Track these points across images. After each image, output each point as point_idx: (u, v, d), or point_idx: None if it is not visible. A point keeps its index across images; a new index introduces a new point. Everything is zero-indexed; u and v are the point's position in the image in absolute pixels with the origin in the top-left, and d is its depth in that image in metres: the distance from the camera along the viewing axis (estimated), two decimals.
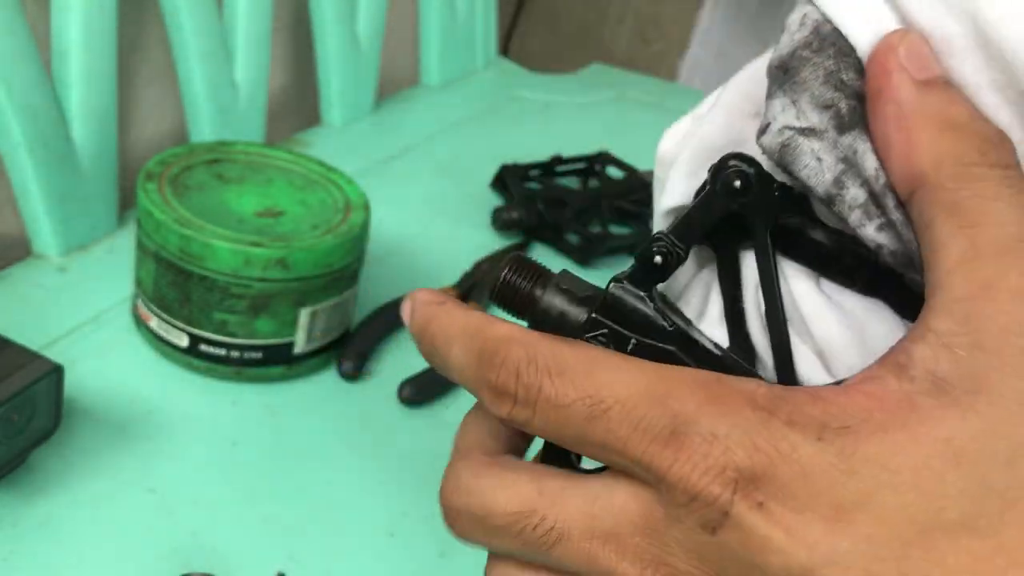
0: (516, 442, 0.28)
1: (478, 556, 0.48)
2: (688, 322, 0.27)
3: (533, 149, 0.86)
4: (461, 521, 0.26)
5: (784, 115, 0.25)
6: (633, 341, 0.25)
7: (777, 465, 0.21)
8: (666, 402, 0.23)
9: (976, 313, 0.21)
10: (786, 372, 0.26)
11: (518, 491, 0.25)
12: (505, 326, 0.25)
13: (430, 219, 0.74)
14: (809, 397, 0.22)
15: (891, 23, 0.24)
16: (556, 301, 0.26)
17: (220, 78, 0.72)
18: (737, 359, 0.26)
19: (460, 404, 0.55)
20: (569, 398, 0.24)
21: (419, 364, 0.56)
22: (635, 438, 0.23)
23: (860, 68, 0.24)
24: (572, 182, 0.84)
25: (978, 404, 0.21)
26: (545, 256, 0.73)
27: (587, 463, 0.26)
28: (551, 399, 0.24)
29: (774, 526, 0.21)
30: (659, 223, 0.30)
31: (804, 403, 0.22)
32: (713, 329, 0.28)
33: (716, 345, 0.26)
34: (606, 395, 0.23)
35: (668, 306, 0.27)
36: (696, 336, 0.26)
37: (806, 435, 0.21)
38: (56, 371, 0.43)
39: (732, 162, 0.26)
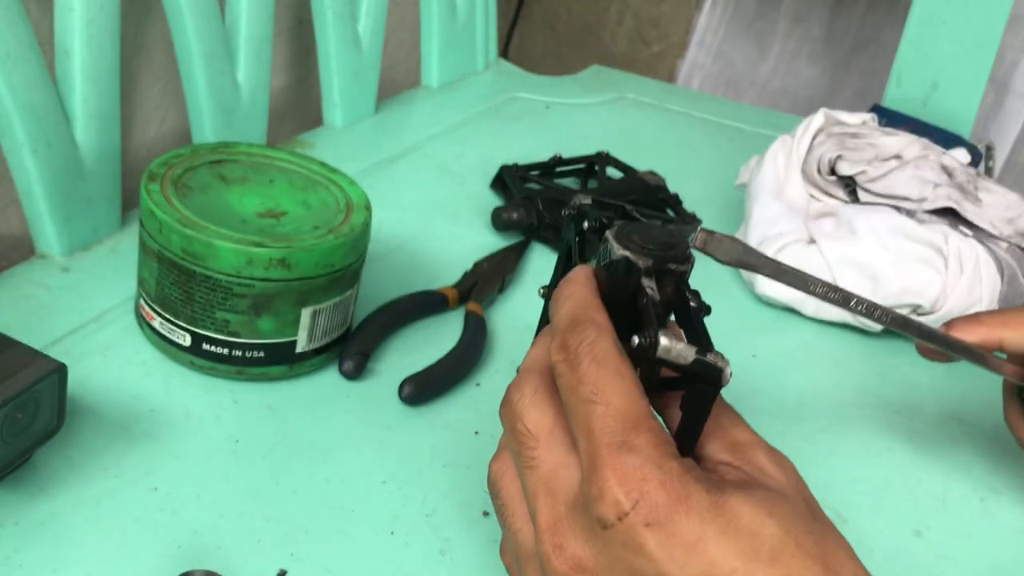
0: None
1: (478, 554, 0.49)
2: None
3: (533, 150, 0.86)
4: (505, 408, 0.36)
5: None
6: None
7: (675, 504, 0.30)
8: (632, 430, 0.32)
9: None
10: None
11: (539, 420, 0.35)
12: (597, 315, 0.35)
13: (430, 219, 0.75)
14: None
15: None
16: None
17: (222, 79, 0.72)
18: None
19: (460, 403, 0.56)
20: (588, 379, 0.33)
21: (419, 363, 0.56)
22: (599, 435, 0.32)
23: None
24: (572, 182, 0.84)
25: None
26: (544, 256, 0.73)
27: None
28: (578, 373, 0.33)
29: (651, 538, 0.30)
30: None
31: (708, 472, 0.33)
32: None
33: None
34: (606, 396, 0.32)
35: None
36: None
37: (702, 490, 0.31)
38: (60, 370, 0.43)
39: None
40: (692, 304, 0.36)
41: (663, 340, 0.33)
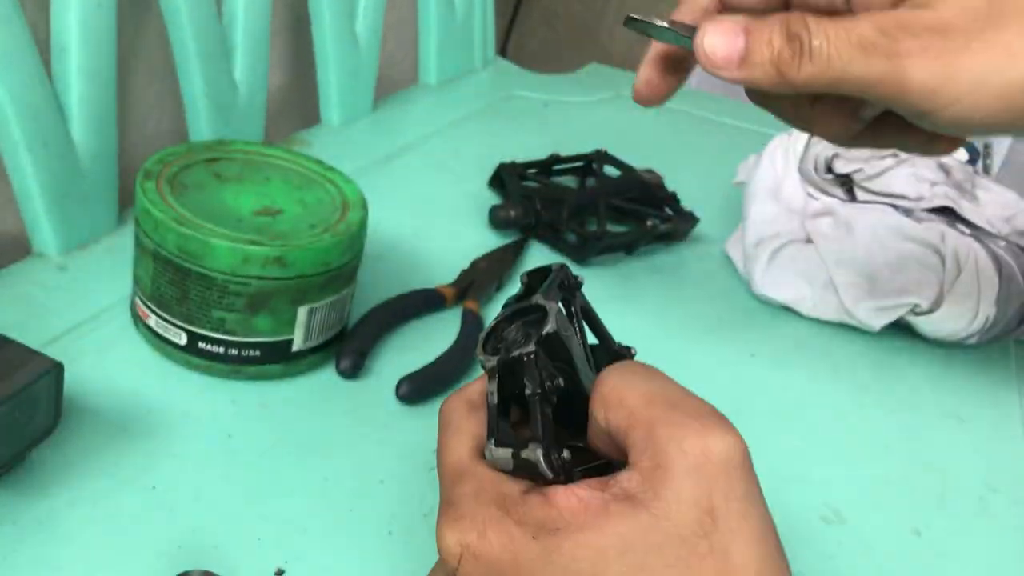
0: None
1: None
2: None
3: (531, 148, 0.86)
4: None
5: None
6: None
7: (498, 551, 0.31)
8: (457, 479, 0.34)
9: (654, 447, 0.31)
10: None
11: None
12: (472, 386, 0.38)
13: (428, 218, 0.75)
14: (542, 501, 0.31)
15: None
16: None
17: (219, 77, 0.72)
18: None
19: None
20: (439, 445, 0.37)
21: (416, 362, 0.56)
22: (440, 491, 0.35)
23: None
24: (569, 181, 0.84)
25: (651, 506, 0.30)
26: (543, 254, 0.73)
27: None
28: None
29: None
30: None
31: (535, 506, 0.31)
32: None
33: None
34: (441, 456, 0.36)
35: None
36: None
37: (525, 532, 0.31)
38: (56, 369, 0.43)
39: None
40: (528, 391, 0.34)
41: (486, 453, 0.34)
